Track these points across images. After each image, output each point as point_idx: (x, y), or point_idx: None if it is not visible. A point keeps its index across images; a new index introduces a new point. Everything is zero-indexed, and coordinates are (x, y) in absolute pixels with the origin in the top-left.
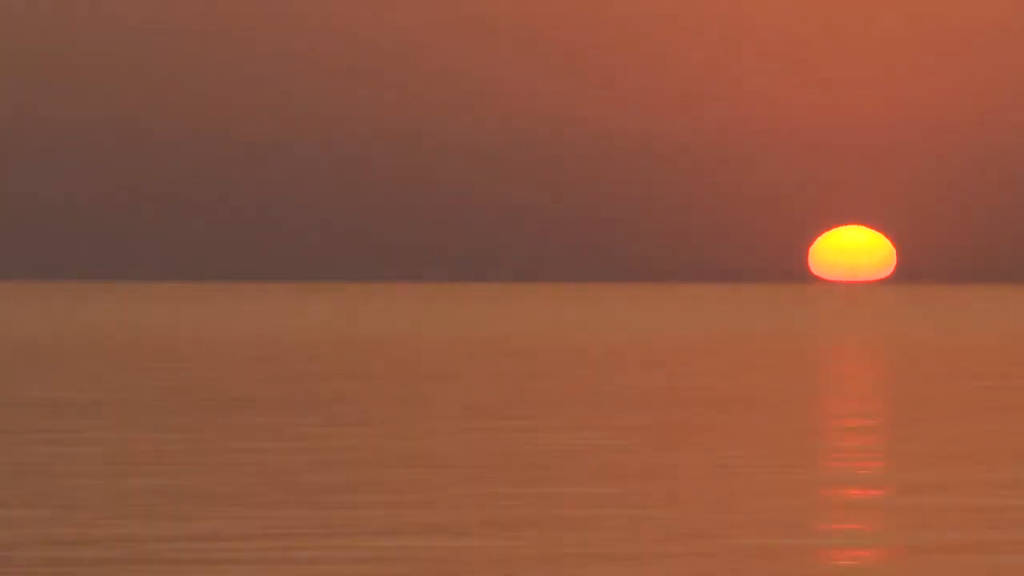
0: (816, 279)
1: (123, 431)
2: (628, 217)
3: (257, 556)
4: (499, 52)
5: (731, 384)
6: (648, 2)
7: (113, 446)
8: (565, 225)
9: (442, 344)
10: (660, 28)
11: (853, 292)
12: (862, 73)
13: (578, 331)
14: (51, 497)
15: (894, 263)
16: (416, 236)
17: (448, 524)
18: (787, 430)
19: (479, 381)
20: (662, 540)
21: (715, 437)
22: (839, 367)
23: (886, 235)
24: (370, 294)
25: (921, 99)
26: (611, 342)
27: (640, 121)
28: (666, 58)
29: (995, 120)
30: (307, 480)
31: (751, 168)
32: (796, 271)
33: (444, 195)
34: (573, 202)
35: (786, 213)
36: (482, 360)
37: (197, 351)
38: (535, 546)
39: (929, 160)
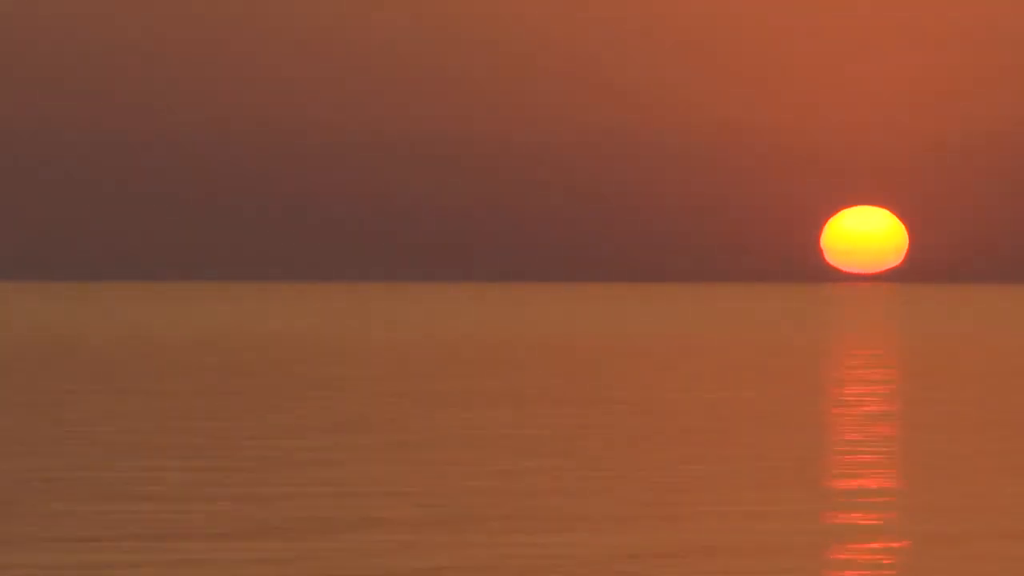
0: (828, 267)
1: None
2: (634, 217)
3: None
4: (510, 56)
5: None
6: (655, 3)
7: None
8: (565, 225)
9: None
10: (666, 28)
11: (881, 295)
12: (867, 66)
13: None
14: None
15: (906, 246)
16: (415, 236)
17: None
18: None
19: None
20: None
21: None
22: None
23: (898, 216)
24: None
25: (921, 89)
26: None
27: (640, 119)
28: (668, 58)
29: (1000, 106)
30: None
31: (759, 157)
32: (808, 256)
33: (446, 196)
34: (574, 202)
35: (795, 198)
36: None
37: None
38: None
39: (939, 144)
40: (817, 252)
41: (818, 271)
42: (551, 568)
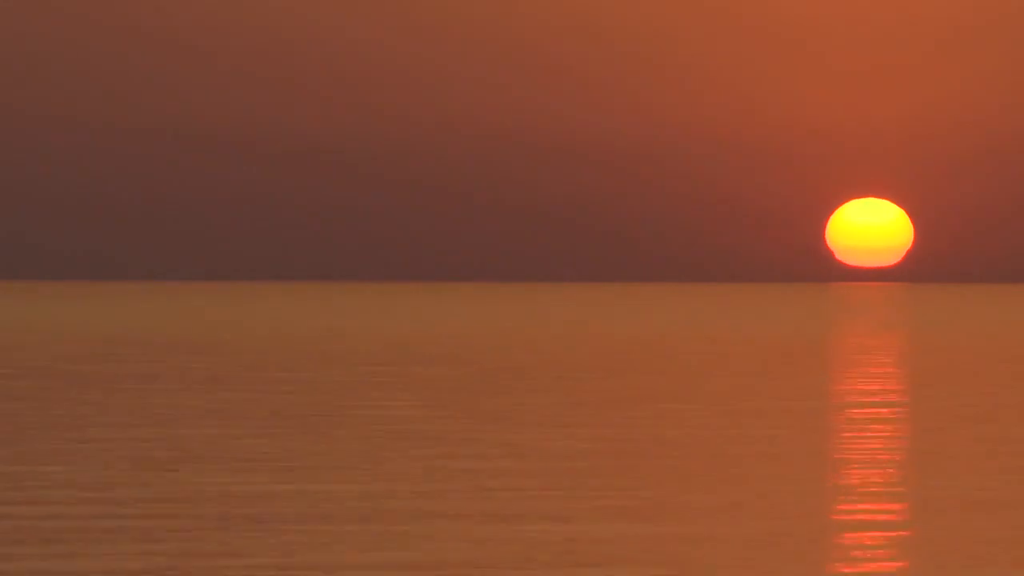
0: (836, 263)
1: None
2: (642, 217)
3: None
4: (510, 56)
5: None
6: (652, 2)
7: None
8: (565, 225)
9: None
10: (666, 28)
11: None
12: (869, 65)
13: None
14: None
15: (912, 238)
16: (417, 236)
17: None
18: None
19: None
20: None
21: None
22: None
23: (903, 207)
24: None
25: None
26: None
27: (640, 119)
28: (668, 57)
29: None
30: None
31: (759, 155)
32: (814, 252)
33: (449, 196)
34: (574, 202)
35: (796, 196)
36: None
37: None
38: None
39: (944, 136)
40: (823, 247)
41: (825, 267)
42: None
